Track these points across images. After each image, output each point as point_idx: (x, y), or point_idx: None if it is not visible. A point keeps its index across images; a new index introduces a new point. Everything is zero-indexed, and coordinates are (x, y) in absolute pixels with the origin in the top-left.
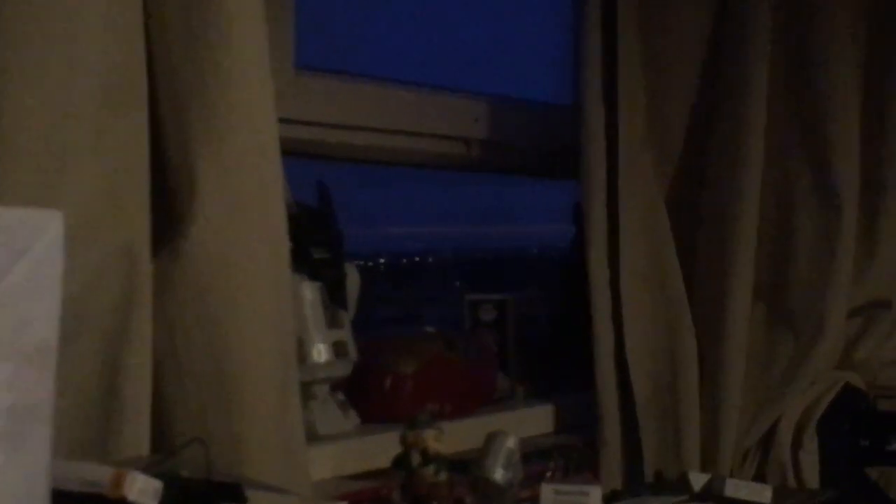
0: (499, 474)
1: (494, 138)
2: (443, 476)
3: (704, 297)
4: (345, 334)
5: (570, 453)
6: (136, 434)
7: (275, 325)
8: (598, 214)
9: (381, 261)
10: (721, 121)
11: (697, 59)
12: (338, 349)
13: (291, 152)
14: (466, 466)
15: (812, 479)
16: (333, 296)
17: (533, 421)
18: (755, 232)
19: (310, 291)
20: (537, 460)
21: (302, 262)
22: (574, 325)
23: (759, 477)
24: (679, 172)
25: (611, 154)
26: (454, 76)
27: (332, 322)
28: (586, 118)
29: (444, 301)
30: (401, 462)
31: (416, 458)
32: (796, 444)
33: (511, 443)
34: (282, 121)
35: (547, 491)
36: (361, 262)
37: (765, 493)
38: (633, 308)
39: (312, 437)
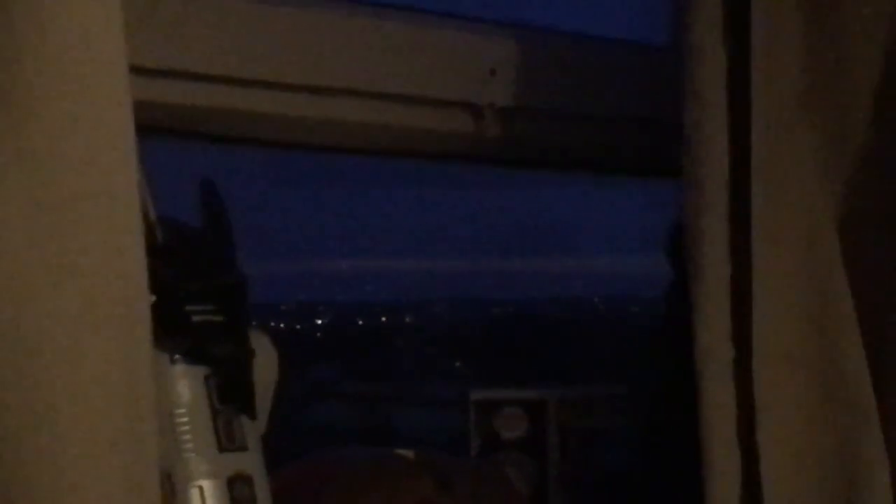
0: None
1: (523, 104)
2: None
3: None
4: (249, 462)
5: None
6: None
7: (120, 449)
8: (712, 244)
9: (321, 322)
10: None
11: None
12: (237, 491)
13: (157, 128)
14: None
15: None
16: (230, 391)
17: None
18: None
19: (187, 384)
20: None
21: (173, 329)
22: (671, 445)
23: None
24: (863, 167)
25: (738, 134)
26: None
27: (227, 440)
28: (693, 67)
29: (434, 398)
30: None
31: None
32: None
33: None
34: (139, 71)
35: None
36: (281, 327)
37: None
38: (777, 414)
39: None
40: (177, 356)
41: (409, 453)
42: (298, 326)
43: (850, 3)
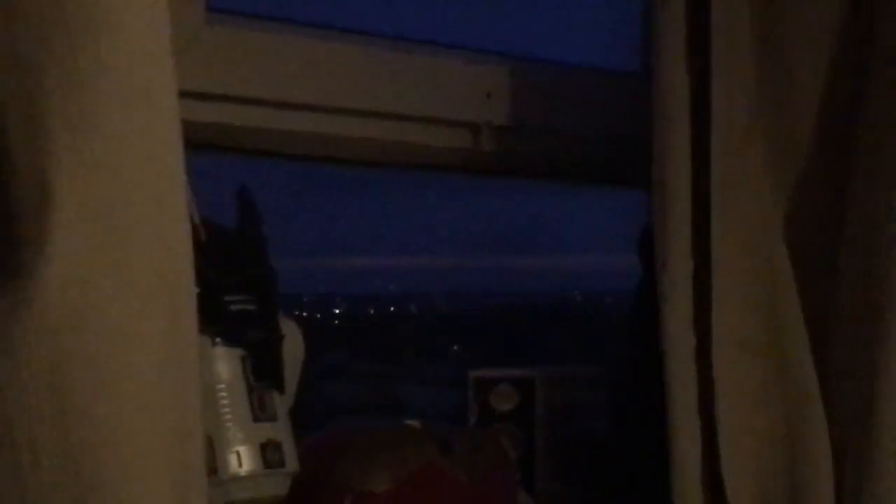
0: None
1: (516, 123)
2: None
3: (845, 377)
4: (279, 431)
5: None
6: None
7: (170, 419)
8: (676, 245)
9: (338, 311)
10: (875, 98)
11: (837, 6)
12: (268, 454)
13: (200, 144)
14: None
15: None
16: (263, 370)
17: None
18: None
19: (226, 363)
20: None
21: (214, 316)
22: (641, 419)
23: None
24: (808, 178)
25: (700, 148)
26: (453, 28)
27: (261, 411)
28: (660, 91)
29: (436, 377)
30: None
31: None
32: None
33: None
34: (185, 95)
35: None
36: (304, 315)
37: None
38: (733, 393)
39: None
40: (217, 340)
41: (415, 423)
42: (318, 315)
43: (796, 39)
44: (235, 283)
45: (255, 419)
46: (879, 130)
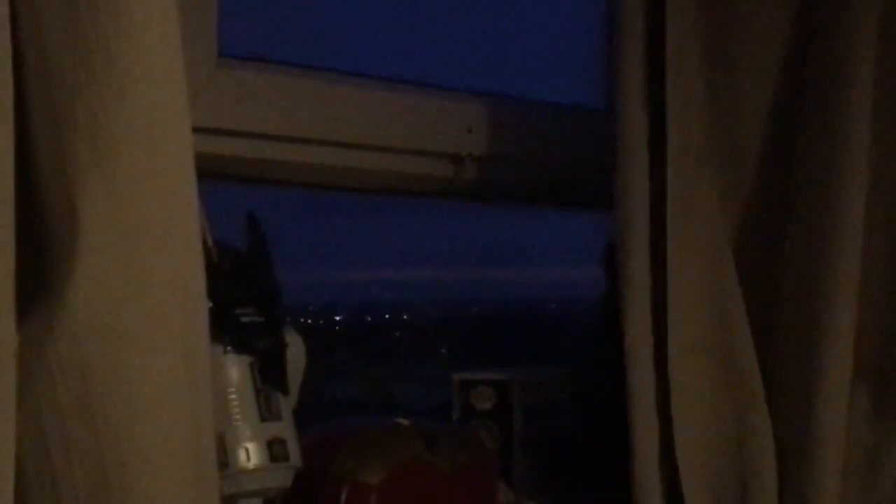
0: None
1: (494, 154)
2: None
3: (787, 378)
4: (284, 429)
5: None
6: None
7: (185, 419)
8: (636, 260)
9: (338, 318)
10: (811, 129)
11: (777, 50)
12: (274, 450)
13: (212, 174)
14: None
15: None
16: (269, 374)
17: None
18: (857, 289)
19: (236, 369)
20: None
21: (225, 327)
22: (606, 415)
23: None
24: (753, 201)
25: (657, 174)
26: (438, 69)
27: (267, 412)
28: (622, 125)
29: (424, 379)
30: None
31: None
32: None
33: None
34: (198, 130)
35: None
36: (308, 322)
37: None
38: (687, 393)
39: None
40: (228, 348)
41: (404, 421)
42: (321, 322)
43: (744, 77)
44: (244, 297)
45: (262, 419)
46: (813, 164)
